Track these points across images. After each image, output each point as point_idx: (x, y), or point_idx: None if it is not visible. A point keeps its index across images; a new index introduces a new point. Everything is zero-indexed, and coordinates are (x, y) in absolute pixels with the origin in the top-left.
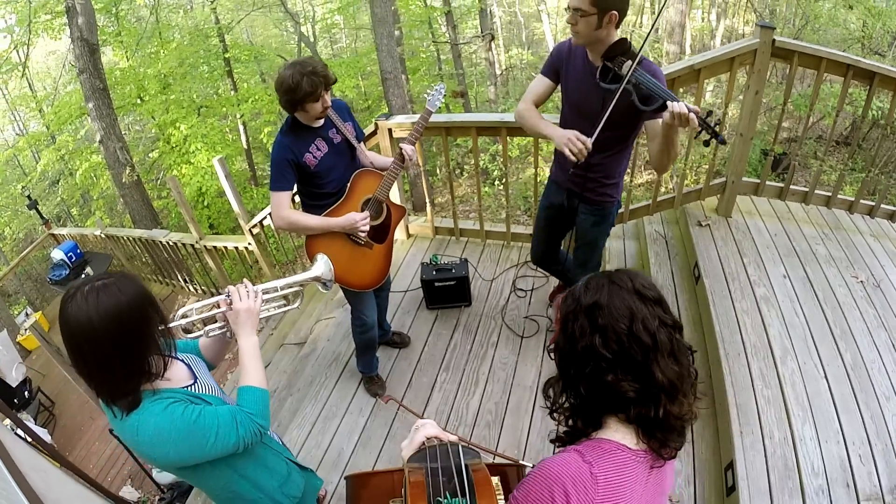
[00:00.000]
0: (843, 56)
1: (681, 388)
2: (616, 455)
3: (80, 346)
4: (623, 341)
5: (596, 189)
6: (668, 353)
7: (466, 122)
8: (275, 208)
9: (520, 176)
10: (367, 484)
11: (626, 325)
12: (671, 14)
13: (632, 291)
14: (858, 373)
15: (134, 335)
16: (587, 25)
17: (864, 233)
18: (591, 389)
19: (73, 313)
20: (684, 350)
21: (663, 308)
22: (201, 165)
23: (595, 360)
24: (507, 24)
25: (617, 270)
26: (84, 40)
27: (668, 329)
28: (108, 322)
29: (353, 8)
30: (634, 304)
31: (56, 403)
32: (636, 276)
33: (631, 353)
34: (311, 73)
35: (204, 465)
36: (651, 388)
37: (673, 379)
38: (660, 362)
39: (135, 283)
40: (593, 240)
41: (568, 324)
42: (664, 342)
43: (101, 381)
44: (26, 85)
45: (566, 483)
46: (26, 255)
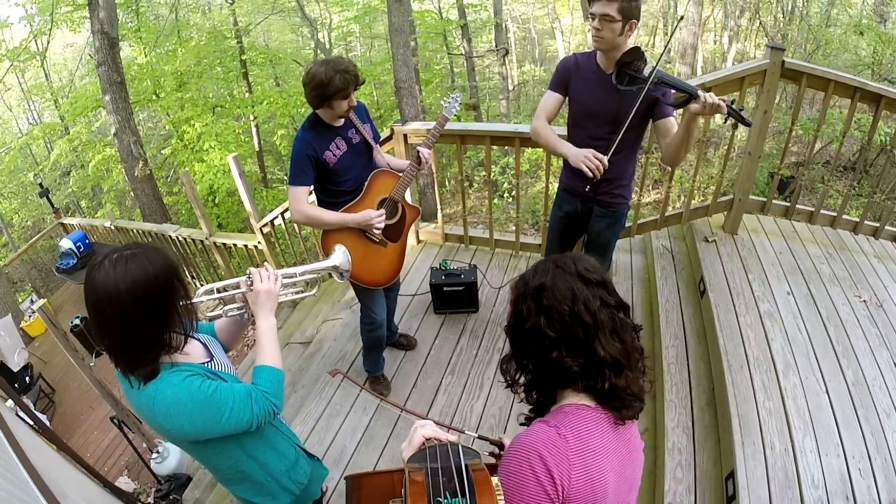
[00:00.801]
0: (850, 78)
1: (625, 363)
2: (577, 413)
3: (105, 312)
4: (566, 321)
5: (611, 191)
6: (609, 331)
7: (481, 130)
8: (293, 202)
9: (529, 190)
10: (366, 484)
11: (569, 306)
12: (684, 35)
13: (575, 274)
14: (859, 389)
15: (158, 306)
16: (612, 32)
17: (868, 254)
18: (538, 365)
19: (101, 280)
20: (627, 328)
21: (607, 289)
22: (214, 164)
23: (540, 339)
24: (520, 40)
25: (563, 255)
26: (104, 33)
27: (609, 309)
28: (133, 290)
29: (370, 17)
30: (576, 286)
31: (56, 391)
32: (580, 259)
33: (573, 332)
34: (344, 71)
35: (215, 441)
36: (594, 363)
37: (615, 354)
38: (601, 339)
39: (163, 255)
40: (607, 242)
41: (517, 305)
42: (605, 321)
43: (121, 349)
44: (43, 75)
45: (539, 448)
46: (35, 243)
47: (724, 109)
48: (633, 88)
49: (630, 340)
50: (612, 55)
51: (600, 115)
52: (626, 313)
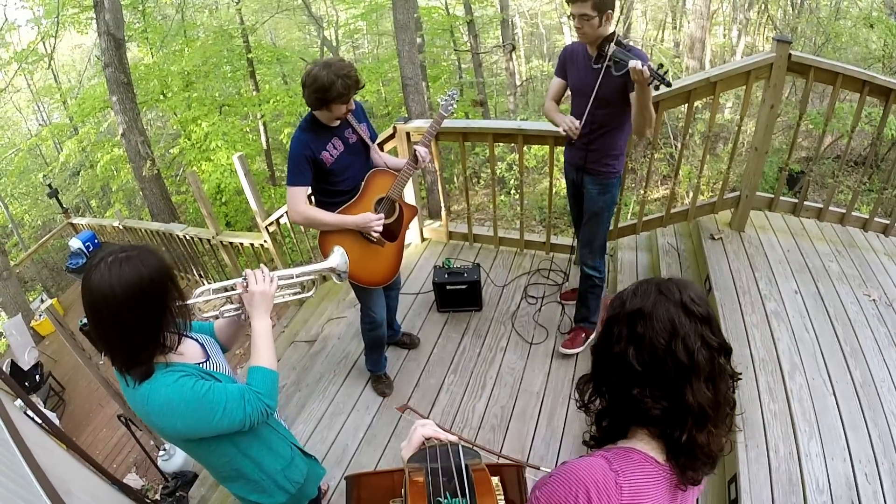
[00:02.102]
0: (858, 72)
1: (712, 416)
2: (644, 467)
3: (101, 313)
4: (658, 356)
5: (599, 160)
6: (705, 376)
7: (484, 128)
8: (291, 203)
9: (536, 187)
10: (366, 484)
11: (665, 339)
12: (692, 29)
13: (679, 304)
14: (867, 391)
15: (152, 307)
16: (591, 27)
17: (878, 251)
18: (615, 397)
19: (96, 281)
20: (725, 377)
21: (711, 327)
22: (221, 163)
23: (625, 370)
24: (528, 36)
25: (668, 279)
26: (110, 35)
27: (710, 350)
28: (128, 291)
29: (376, 14)
30: (679, 319)
31: (66, 389)
32: (686, 287)
33: (664, 370)
34: (345, 76)
35: (209, 440)
36: (679, 409)
37: (705, 405)
38: (693, 385)
39: (157, 257)
40: (598, 210)
41: (609, 326)
42: (703, 364)
43: (117, 349)
44: (51, 77)
45: (590, 488)
46: (45, 242)
47: (646, 73)
48: (600, 66)
49: (724, 390)
50: (595, 42)
51: (583, 93)
52: (727, 357)
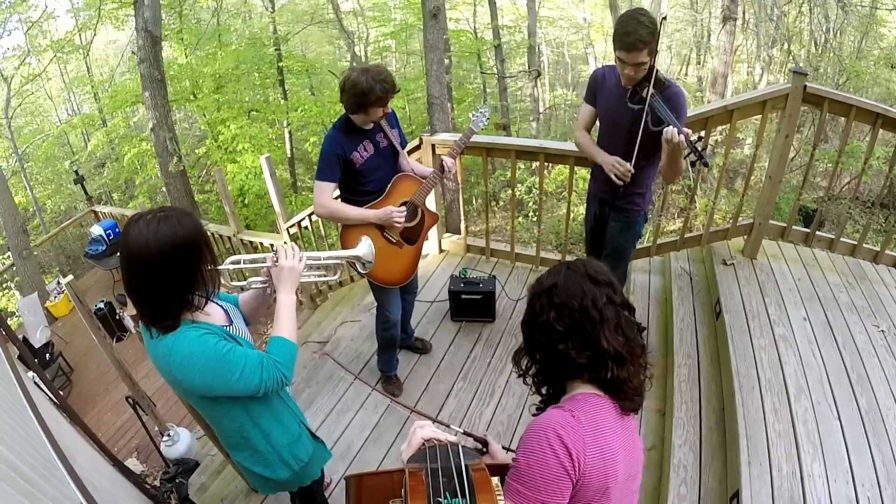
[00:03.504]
0: (872, 104)
1: (627, 357)
2: (589, 400)
3: (135, 266)
4: (574, 316)
5: (625, 196)
6: (614, 326)
7: (507, 144)
8: (317, 195)
9: (554, 213)
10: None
11: (578, 302)
12: (715, 64)
13: (584, 275)
14: (873, 418)
15: (184, 266)
16: (643, 71)
17: (888, 285)
18: (548, 357)
19: (134, 236)
20: (631, 325)
21: (613, 289)
22: (246, 165)
23: (550, 332)
24: (553, 64)
25: (575, 259)
26: (148, 31)
27: (615, 306)
28: (163, 248)
29: (406, 34)
30: (585, 285)
31: (74, 371)
32: (589, 263)
33: (581, 326)
34: (384, 81)
35: (223, 401)
36: (600, 355)
37: (619, 348)
38: (606, 334)
39: (193, 220)
40: (620, 247)
41: (532, 302)
42: (610, 317)
43: (146, 301)
44: (84, 69)
45: (556, 427)
46: (66, 227)
47: (683, 145)
48: (637, 108)
49: (633, 336)
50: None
51: (618, 128)
52: (631, 312)
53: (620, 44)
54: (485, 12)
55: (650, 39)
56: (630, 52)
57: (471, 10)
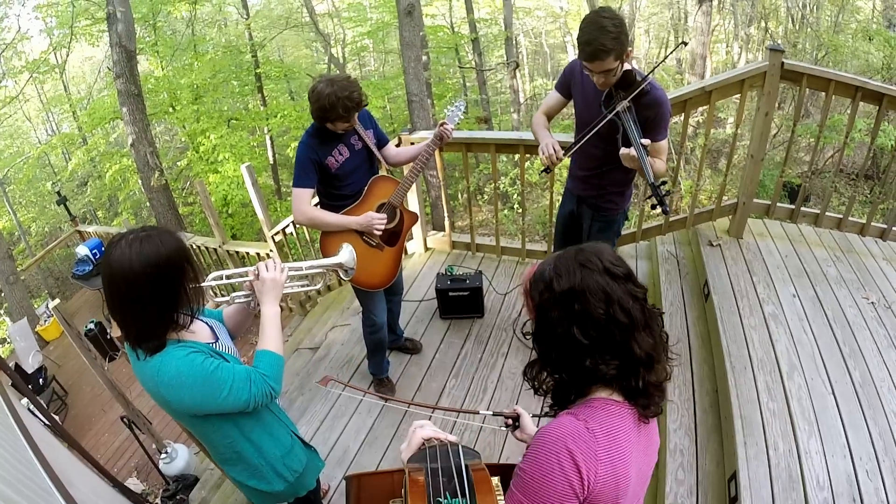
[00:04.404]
0: (851, 78)
1: (657, 356)
2: (606, 408)
3: (119, 287)
4: (602, 325)
5: (604, 196)
6: (642, 326)
7: (486, 138)
8: (296, 203)
9: (538, 203)
10: (366, 484)
11: (604, 308)
12: (693, 45)
13: (603, 272)
14: (867, 390)
15: (168, 285)
16: (615, 75)
17: (876, 256)
18: (572, 373)
19: (116, 257)
20: (655, 317)
21: (633, 281)
22: (228, 175)
23: (572, 348)
24: (532, 54)
25: (580, 249)
26: (122, 46)
27: (639, 302)
28: (146, 268)
29: (383, 33)
30: (609, 286)
31: (69, 394)
32: (601, 252)
33: (610, 335)
34: (347, 98)
35: (213, 418)
36: (630, 363)
37: (649, 350)
38: (637, 338)
39: (175, 238)
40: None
41: (544, 313)
42: (638, 318)
43: (132, 322)
44: (62, 87)
45: (567, 441)
46: (52, 249)
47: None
48: (606, 112)
49: (657, 329)
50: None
51: (588, 124)
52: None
53: (583, 54)
54: (461, 6)
55: (614, 46)
56: (593, 61)
57: (447, 5)
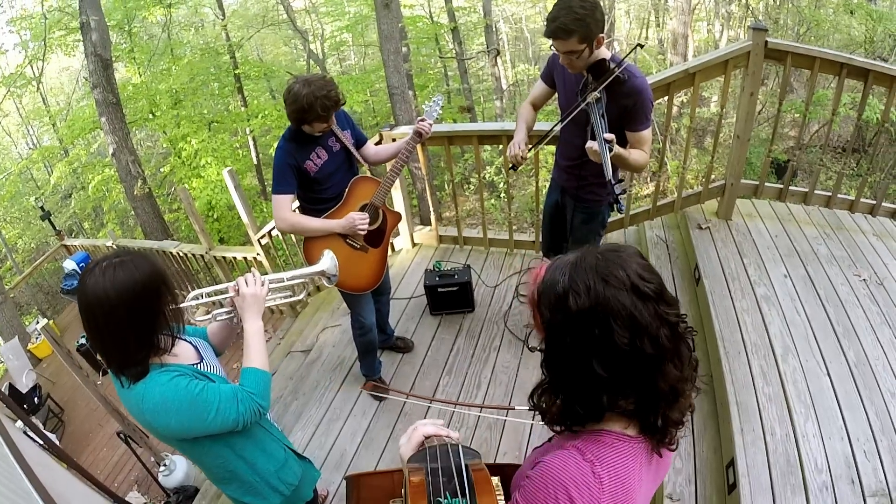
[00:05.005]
0: (835, 55)
1: (681, 389)
2: (617, 448)
3: (96, 317)
4: (624, 358)
5: (585, 188)
6: (671, 356)
7: (468, 131)
8: (276, 210)
9: (525, 190)
10: (366, 484)
11: (628, 338)
12: (675, 25)
13: (630, 289)
14: (862, 370)
15: (146, 310)
16: (582, 59)
17: (866, 232)
18: (586, 406)
19: (91, 286)
20: (686, 342)
21: (665, 298)
22: (211, 179)
23: (588, 379)
24: (513, 40)
25: (604, 257)
26: (98, 55)
27: (670, 326)
28: (122, 296)
29: (361, 26)
30: (636, 309)
31: (65, 410)
32: (628, 263)
33: (633, 368)
34: (325, 98)
35: (203, 440)
36: (651, 398)
37: (674, 384)
38: (663, 370)
39: (150, 262)
40: (583, 238)
41: (556, 335)
42: (667, 347)
43: (112, 351)
44: (40, 100)
45: (569, 486)
46: (39, 266)
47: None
48: (579, 101)
49: (687, 354)
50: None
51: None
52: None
53: (546, 31)
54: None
55: (577, 27)
56: (554, 39)
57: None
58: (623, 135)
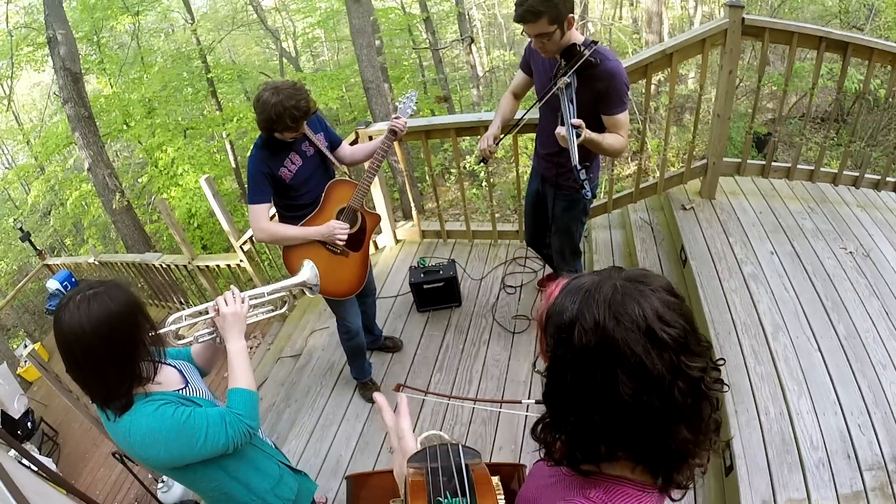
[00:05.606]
0: (814, 28)
1: (691, 452)
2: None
3: (74, 352)
4: (626, 410)
5: (564, 175)
6: (685, 416)
7: (445, 124)
8: (254, 221)
9: (507, 177)
10: (366, 484)
11: (632, 389)
12: (648, 3)
13: (644, 332)
14: (853, 343)
15: (124, 341)
16: (554, 42)
17: (850, 204)
18: (585, 451)
19: (67, 321)
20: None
21: (689, 348)
22: (189, 187)
23: (588, 425)
24: (487, 27)
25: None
26: (67, 70)
27: (689, 382)
28: (98, 329)
29: (333, 21)
30: (649, 358)
31: (59, 432)
32: (649, 299)
33: (635, 424)
34: (294, 108)
35: (195, 466)
36: (654, 454)
37: (682, 448)
38: (672, 430)
39: (124, 291)
40: (565, 226)
41: (556, 368)
42: (681, 405)
43: (94, 385)
44: (12, 118)
45: None
46: (22, 288)
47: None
48: (551, 86)
49: (708, 416)
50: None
51: (548, 104)
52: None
53: (515, 15)
54: None
55: (545, 8)
56: (524, 23)
57: None
58: (599, 119)
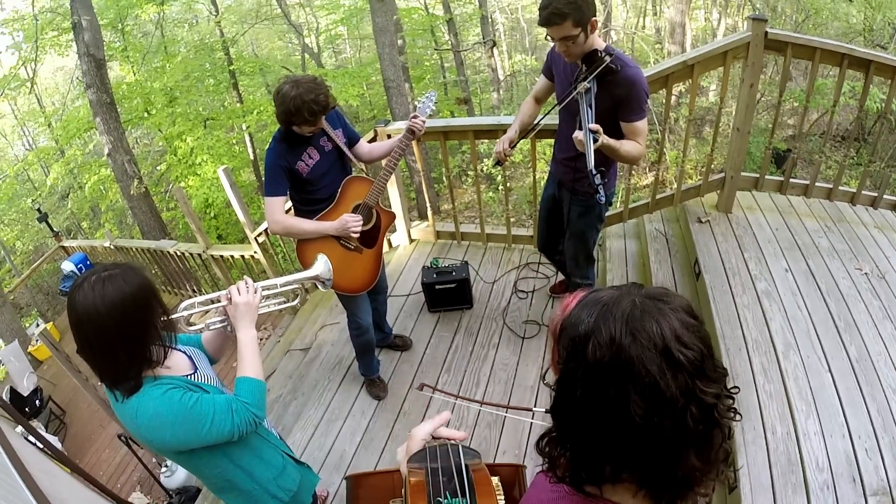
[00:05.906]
0: (836, 45)
1: (699, 481)
2: None
3: (87, 332)
4: (637, 432)
5: (582, 180)
6: (696, 442)
7: (464, 125)
8: (269, 213)
9: (524, 181)
10: (366, 484)
11: (643, 410)
12: (672, 13)
13: (660, 351)
14: (864, 365)
15: (136, 324)
16: (578, 45)
17: (867, 224)
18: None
19: (80, 302)
20: (722, 427)
21: (705, 372)
22: (207, 177)
23: (595, 443)
24: (509, 31)
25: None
26: (91, 55)
27: (702, 408)
28: (112, 310)
29: (356, 19)
30: (662, 378)
31: (67, 412)
32: (669, 319)
33: (644, 447)
34: (313, 102)
35: (200, 451)
36: (660, 480)
37: (689, 475)
38: (680, 456)
39: (139, 275)
40: (580, 231)
41: (566, 382)
42: (692, 431)
43: (104, 365)
44: (35, 101)
45: None
46: (37, 267)
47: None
48: (570, 91)
49: (719, 445)
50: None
51: (568, 109)
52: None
53: (540, 19)
54: None
55: (570, 10)
56: (549, 26)
57: None
58: (618, 125)
